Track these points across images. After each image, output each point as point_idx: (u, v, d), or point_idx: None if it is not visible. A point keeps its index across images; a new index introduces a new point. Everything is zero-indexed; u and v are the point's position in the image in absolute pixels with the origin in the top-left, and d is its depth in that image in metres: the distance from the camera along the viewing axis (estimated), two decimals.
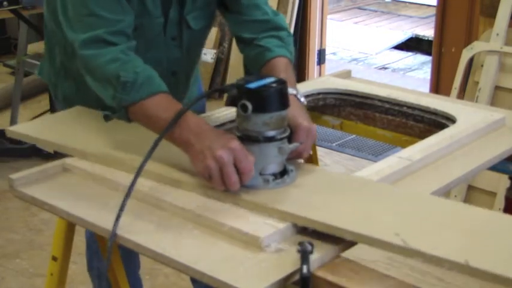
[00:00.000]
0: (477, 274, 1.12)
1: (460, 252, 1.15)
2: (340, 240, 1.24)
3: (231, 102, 1.40)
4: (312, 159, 2.05)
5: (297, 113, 1.49)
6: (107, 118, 1.56)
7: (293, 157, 1.47)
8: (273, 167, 1.41)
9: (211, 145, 1.36)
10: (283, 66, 1.65)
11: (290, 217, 1.29)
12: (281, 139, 1.40)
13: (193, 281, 2.14)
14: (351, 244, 1.25)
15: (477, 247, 1.19)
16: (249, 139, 1.38)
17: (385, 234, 1.21)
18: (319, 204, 1.33)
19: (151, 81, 1.50)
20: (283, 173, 1.42)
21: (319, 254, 1.19)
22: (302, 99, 1.55)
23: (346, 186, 1.43)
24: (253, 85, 1.36)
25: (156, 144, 1.37)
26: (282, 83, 1.39)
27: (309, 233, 1.27)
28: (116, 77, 1.48)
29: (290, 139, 1.44)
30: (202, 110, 1.97)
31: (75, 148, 1.57)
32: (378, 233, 1.21)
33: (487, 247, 1.19)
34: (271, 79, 1.39)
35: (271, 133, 1.38)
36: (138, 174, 1.35)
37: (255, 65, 1.70)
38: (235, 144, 1.36)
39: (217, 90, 1.45)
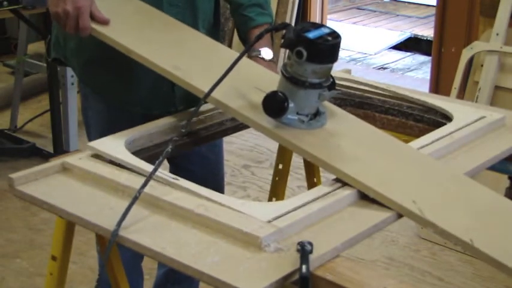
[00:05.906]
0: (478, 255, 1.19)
1: (467, 231, 1.22)
2: (339, 239, 1.24)
3: (286, 45, 1.44)
4: None
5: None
6: None
7: None
8: (310, 109, 1.49)
9: None
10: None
11: (321, 163, 1.41)
12: (324, 87, 1.47)
13: (159, 266, 2.31)
14: (350, 243, 1.25)
15: (484, 229, 1.25)
16: (295, 82, 1.45)
17: (404, 199, 1.30)
18: (349, 153, 1.44)
19: None
20: (316, 114, 1.51)
21: (319, 253, 1.19)
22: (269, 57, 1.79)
23: (374, 140, 1.52)
24: (311, 34, 1.40)
25: (189, 120, 1.52)
26: (336, 37, 1.43)
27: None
28: None
29: None
30: None
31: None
32: (397, 197, 1.31)
33: (494, 231, 1.26)
34: (327, 30, 1.43)
35: (316, 81, 1.45)
36: (149, 176, 1.36)
37: (241, 30, 1.94)
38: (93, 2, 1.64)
39: (274, 28, 1.50)
